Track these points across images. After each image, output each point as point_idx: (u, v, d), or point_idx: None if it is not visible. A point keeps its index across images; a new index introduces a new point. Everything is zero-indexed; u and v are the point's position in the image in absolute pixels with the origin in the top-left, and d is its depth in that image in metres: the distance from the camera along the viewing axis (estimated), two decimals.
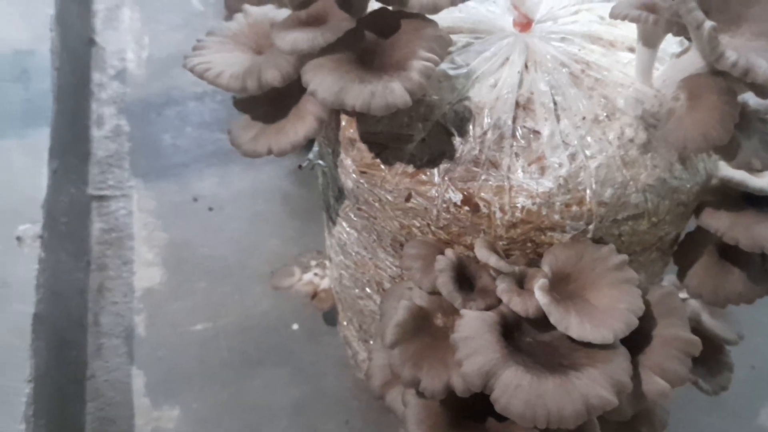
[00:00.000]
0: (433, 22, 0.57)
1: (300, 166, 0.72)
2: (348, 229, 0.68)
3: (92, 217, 1.02)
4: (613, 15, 0.57)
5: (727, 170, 0.60)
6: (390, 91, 0.53)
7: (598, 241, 0.57)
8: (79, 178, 1.03)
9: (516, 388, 0.49)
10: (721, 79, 0.55)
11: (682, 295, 0.68)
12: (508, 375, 0.50)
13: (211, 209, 1.05)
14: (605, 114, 0.58)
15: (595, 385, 0.50)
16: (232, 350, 0.91)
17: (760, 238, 0.60)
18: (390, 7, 0.58)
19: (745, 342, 0.73)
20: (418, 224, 0.60)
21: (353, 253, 0.70)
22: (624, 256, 0.55)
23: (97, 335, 0.91)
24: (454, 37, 0.62)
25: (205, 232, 1.02)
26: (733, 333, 0.73)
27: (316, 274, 0.85)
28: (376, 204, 0.61)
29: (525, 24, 0.62)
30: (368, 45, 0.58)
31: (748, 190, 0.61)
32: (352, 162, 0.62)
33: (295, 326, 0.93)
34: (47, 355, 0.78)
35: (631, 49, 0.62)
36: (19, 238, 0.84)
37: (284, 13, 0.63)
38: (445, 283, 0.54)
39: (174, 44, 1.26)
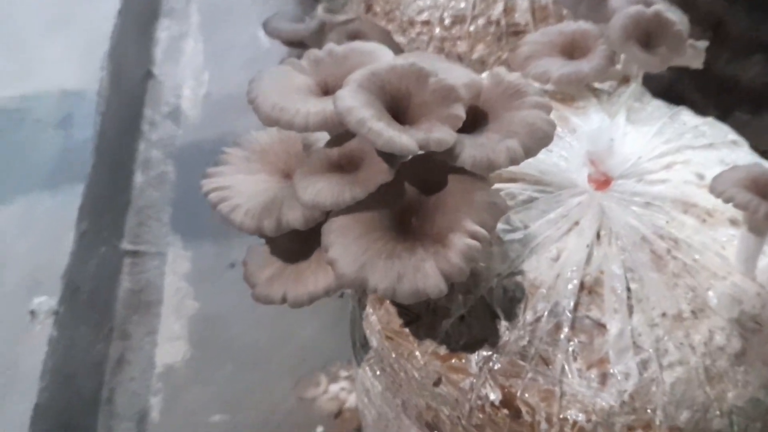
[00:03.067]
0: (486, 183, 0.47)
1: (341, 294, 0.63)
2: (372, 379, 0.59)
3: (122, 276, 0.96)
4: (714, 193, 0.46)
5: None
6: (422, 276, 0.44)
7: None
8: (113, 233, 0.97)
9: None
10: None
11: None
12: None
13: None
14: (690, 310, 0.47)
15: None
16: None
17: None
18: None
19: None
20: (447, 412, 0.50)
21: (377, 404, 0.61)
22: None
23: (109, 415, 0.85)
24: (514, 188, 0.52)
25: (239, 307, 0.95)
26: None
27: (343, 389, 0.77)
28: (402, 374, 0.52)
29: (602, 182, 0.51)
30: (409, 200, 0.48)
31: None
32: (378, 322, 0.52)
33: (320, 430, 0.85)
34: None
35: (734, 222, 0.50)
36: (32, 312, 0.79)
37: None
38: None
39: (235, 84, 1.18)
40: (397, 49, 0.74)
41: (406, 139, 0.45)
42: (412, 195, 0.48)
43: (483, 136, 0.48)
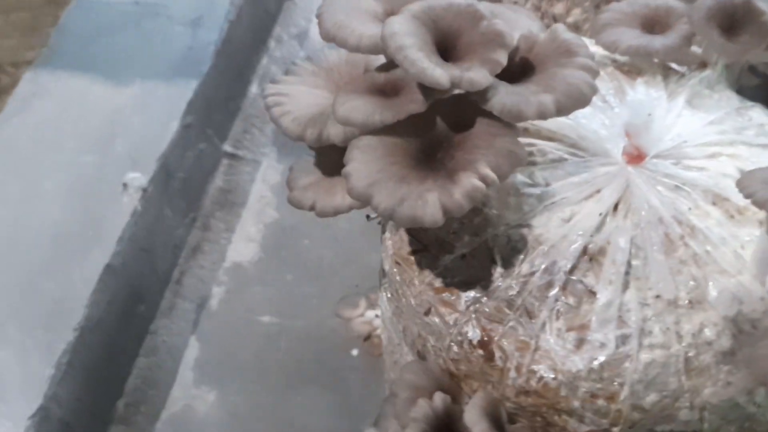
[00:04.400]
0: (514, 131, 0.48)
1: (368, 216, 0.66)
2: (386, 303, 0.62)
3: (216, 174, 1.03)
4: (739, 186, 0.45)
5: None
6: (422, 204, 0.46)
7: None
8: (218, 134, 1.04)
9: None
10: None
11: None
12: None
13: None
14: (688, 299, 0.47)
15: None
16: (289, 355, 0.89)
17: None
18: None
19: None
20: (432, 342, 0.52)
21: (388, 328, 0.64)
22: None
23: (175, 294, 0.93)
24: (547, 146, 0.53)
25: (314, 223, 0.99)
26: None
27: (377, 316, 0.80)
28: (404, 300, 0.55)
29: (635, 156, 0.51)
30: (438, 134, 0.50)
31: None
32: (392, 247, 0.55)
33: (355, 352, 0.89)
34: (108, 308, 0.81)
35: (763, 224, 0.49)
36: (125, 185, 0.87)
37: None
38: None
39: None
40: None
41: (439, 73, 0.47)
42: (442, 130, 0.50)
43: (522, 86, 0.49)
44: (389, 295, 0.59)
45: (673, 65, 0.58)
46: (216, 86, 1.02)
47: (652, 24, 0.57)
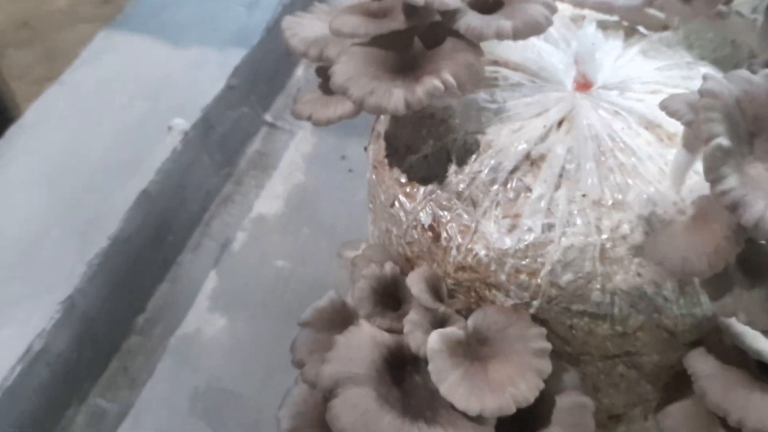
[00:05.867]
0: (476, 49, 0.57)
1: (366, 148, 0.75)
2: (370, 224, 0.70)
3: (255, 139, 1.14)
4: (660, 106, 0.52)
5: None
6: (388, 96, 0.54)
7: (541, 322, 0.54)
8: (261, 104, 1.15)
9: (353, 407, 0.49)
10: None
11: None
12: (354, 392, 0.50)
13: (351, 171, 1.11)
14: (611, 202, 0.54)
15: None
16: (295, 296, 0.97)
17: (744, 413, 0.51)
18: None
19: None
20: (395, 232, 0.60)
21: (372, 237, 0.72)
22: (546, 345, 0.51)
23: (203, 234, 1.03)
24: (510, 74, 0.61)
25: (336, 188, 1.09)
26: None
27: None
28: (377, 200, 0.63)
29: (583, 84, 0.58)
30: (415, 52, 0.59)
31: (742, 347, 0.52)
32: (372, 154, 0.64)
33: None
34: (141, 228, 0.91)
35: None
36: (170, 128, 0.98)
37: None
38: (361, 289, 0.55)
39: None
40: None
41: None
42: (418, 49, 0.59)
43: (489, 16, 0.58)
44: (370, 205, 0.67)
45: (640, 28, 0.66)
46: (263, 60, 1.14)
47: None
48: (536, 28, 0.56)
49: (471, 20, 0.56)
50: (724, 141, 0.45)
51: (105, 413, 0.86)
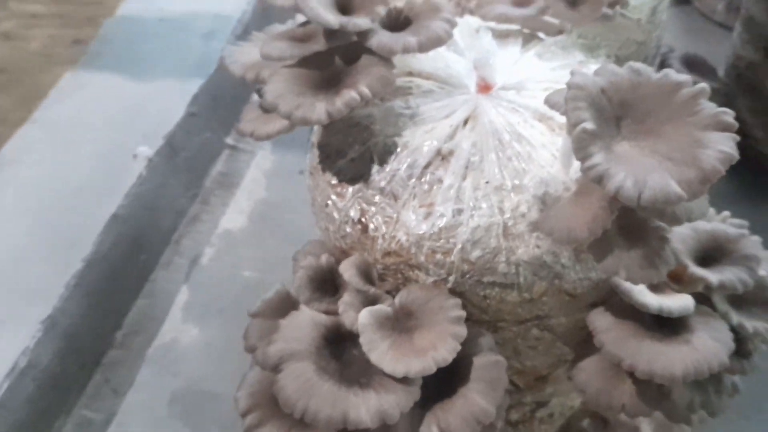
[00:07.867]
0: (387, 64, 0.65)
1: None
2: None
3: (218, 160, 1.22)
4: (544, 100, 0.60)
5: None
6: (312, 109, 0.62)
7: (459, 294, 0.61)
8: (222, 128, 1.23)
9: (296, 378, 0.57)
10: None
11: None
12: (296, 366, 0.57)
13: None
14: (511, 186, 0.62)
15: (360, 404, 0.55)
16: None
17: (635, 359, 0.59)
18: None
19: None
20: (331, 229, 0.68)
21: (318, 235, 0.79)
22: (461, 313, 0.59)
23: (174, 252, 1.10)
24: (422, 82, 0.69)
25: (296, 201, 1.16)
26: None
27: None
28: (316, 203, 0.71)
29: (484, 87, 0.67)
30: (336, 69, 0.67)
31: (631, 302, 0.60)
32: (309, 163, 0.72)
33: None
34: (113, 249, 0.98)
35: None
36: (135, 156, 1.06)
37: None
38: (300, 278, 0.62)
39: None
40: None
41: (330, 17, 0.64)
42: (339, 66, 0.67)
43: (398, 33, 0.66)
44: (312, 209, 0.75)
45: (540, 34, 0.74)
46: (221, 87, 1.22)
47: (522, 2, 0.74)
48: (438, 42, 0.65)
49: (382, 38, 0.65)
50: (588, 125, 0.53)
51: (91, 422, 0.93)
